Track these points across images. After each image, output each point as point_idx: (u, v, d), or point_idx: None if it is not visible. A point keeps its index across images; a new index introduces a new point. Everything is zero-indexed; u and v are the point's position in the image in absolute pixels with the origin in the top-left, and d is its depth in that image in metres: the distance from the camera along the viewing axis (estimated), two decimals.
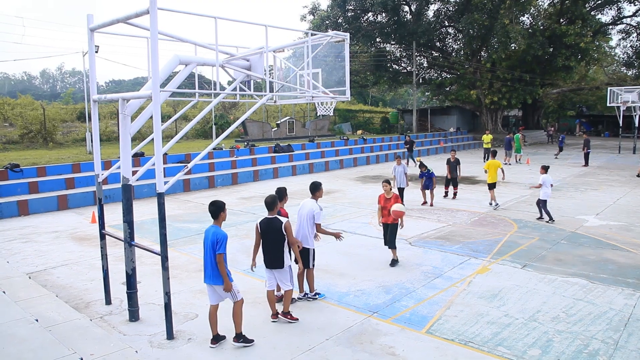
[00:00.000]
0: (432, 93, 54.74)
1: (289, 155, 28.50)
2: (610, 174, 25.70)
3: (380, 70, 48.87)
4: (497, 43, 43.51)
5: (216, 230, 6.85)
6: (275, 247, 7.59)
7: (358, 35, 44.84)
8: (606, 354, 6.74)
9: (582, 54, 43.60)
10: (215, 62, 8.06)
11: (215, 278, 6.84)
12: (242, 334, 7.06)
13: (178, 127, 32.13)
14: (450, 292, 9.04)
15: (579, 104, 63.69)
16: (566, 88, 53.74)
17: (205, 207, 16.79)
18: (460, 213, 16.03)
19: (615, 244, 12.28)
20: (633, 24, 50.19)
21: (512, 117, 60.28)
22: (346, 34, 9.63)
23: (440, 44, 51.29)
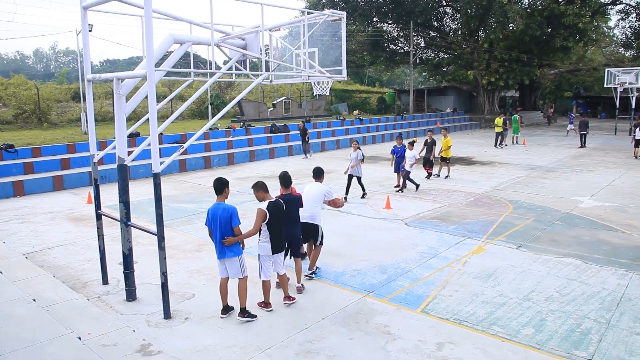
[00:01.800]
0: (429, 73, 54.47)
1: (285, 136, 28.42)
2: (606, 156, 25.76)
3: (377, 50, 48.52)
4: (495, 23, 43.24)
5: (225, 206, 7.02)
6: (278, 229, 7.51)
7: (355, 14, 44.40)
8: (598, 333, 6.82)
9: (581, 35, 43.32)
10: (210, 41, 7.99)
11: (230, 251, 7.07)
12: (247, 309, 7.23)
13: (174, 107, 31.95)
14: (445, 272, 9.10)
15: (576, 85, 63.46)
16: (564, 69, 53.47)
17: (202, 188, 16.84)
18: (456, 194, 16.07)
19: (609, 225, 12.36)
20: (632, 4, 49.74)
21: (509, 98, 60.11)
22: (343, 12, 9.53)
23: (437, 24, 50.90)
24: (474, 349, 6.42)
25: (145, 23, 6.53)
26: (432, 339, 6.67)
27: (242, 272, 7.22)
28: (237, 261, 7.16)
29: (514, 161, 23.60)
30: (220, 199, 7.14)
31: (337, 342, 6.57)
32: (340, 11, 9.73)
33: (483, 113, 48.08)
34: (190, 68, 9.12)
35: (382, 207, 14.03)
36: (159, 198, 6.91)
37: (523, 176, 19.40)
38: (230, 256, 7.11)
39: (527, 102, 54.67)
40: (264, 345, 6.49)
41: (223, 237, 6.99)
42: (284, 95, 41.35)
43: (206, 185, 17.72)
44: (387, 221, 12.74)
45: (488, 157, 25.30)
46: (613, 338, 6.69)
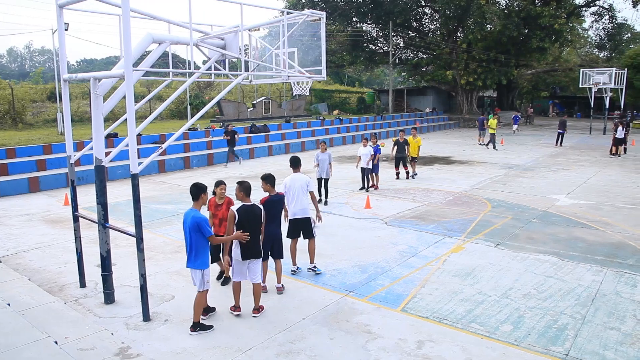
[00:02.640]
0: (408, 73, 54.79)
1: (265, 136, 28.36)
2: (582, 154, 26.21)
3: (356, 50, 48.68)
4: (473, 24, 43.67)
5: (195, 214, 6.71)
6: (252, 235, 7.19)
7: (334, 14, 44.50)
8: (574, 329, 6.94)
9: (556, 36, 44.01)
10: (189, 41, 7.93)
11: (192, 262, 6.78)
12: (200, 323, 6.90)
13: (152, 107, 31.66)
14: (425, 271, 9.17)
15: (552, 85, 64.48)
16: (540, 69, 54.34)
17: (181, 189, 16.71)
18: (435, 193, 16.20)
19: (585, 223, 12.58)
20: (605, 6, 50.82)
21: (487, 98, 60.78)
22: (322, 12, 9.53)
23: (416, 24, 51.26)
24: (454, 346, 6.48)
25: (123, 22, 6.47)
26: (412, 337, 6.72)
27: (202, 285, 6.81)
28: (199, 274, 6.80)
29: (492, 160, 23.87)
30: (196, 205, 6.89)
31: (317, 342, 6.58)
32: (319, 11, 9.74)
33: (462, 113, 48.53)
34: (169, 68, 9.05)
35: (362, 207, 14.09)
36: (138, 199, 6.85)
37: (501, 175, 19.64)
38: (192, 267, 6.81)
39: (505, 102, 55.35)
40: (245, 346, 6.47)
41: (191, 245, 6.73)
42: (263, 96, 41.24)
43: (185, 186, 17.59)
44: (367, 221, 12.79)
45: (467, 156, 25.55)
46: (588, 333, 6.82)
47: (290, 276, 8.87)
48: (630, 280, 8.73)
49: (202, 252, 6.79)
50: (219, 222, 8.06)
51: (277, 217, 8.07)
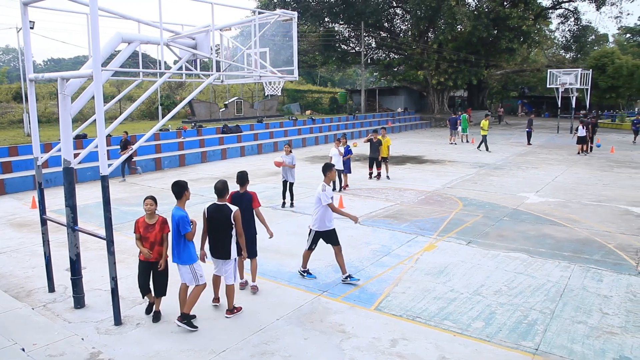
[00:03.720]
0: (380, 73, 55.15)
1: (238, 136, 28.21)
2: (550, 153, 26.75)
3: (328, 50, 48.78)
4: (444, 24, 44.19)
5: (178, 212, 6.89)
6: (221, 235, 7.23)
7: (306, 14, 44.52)
8: (543, 323, 7.09)
9: (524, 37, 44.91)
10: (159, 40, 7.84)
11: (178, 258, 6.95)
12: (188, 316, 6.98)
13: (122, 107, 31.20)
14: (398, 270, 9.24)
15: (521, 85, 65.72)
16: (509, 69, 55.34)
17: (152, 190, 16.47)
18: (407, 192, 16.34)
19: (553, 220, 12.84)
20: (570, 9, 52.11)
21: (458, 98, 61.58)
22: (294, 12, 9.53)
23: (388, 25, 51.62)
24: (427, 344, 6.54)
25: (91, 21, 6.35)
26: (386, 335, 6.76)
27: (195, 279, 6.97)
28: (187, 269, 6.95)
29: (464, 159, 24.19)
30: (180, 203, 7.01)
31: (292, 342, 6.58)
32: (291, 11, 9.73)
33: (433, 112, 49.07)
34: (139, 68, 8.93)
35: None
36: (108, 201, 6.74)
37: (472, 174, 19.91)
38: (180, 263, 6.94)
39: (476, 101, 56.20)
40: (218, 348, 6.42)
41: (175, 243, 6.91)
42: (235, 96, 41.00)
43: (156, 187, 17.39)
44: (340, 220, 12.76)
45: (438, 155, 25.84)
46: (557, 328, 6.97)
47: (265, 277, 8.83)
48: (596, 275, 8.95)
49: (187, 247, 6.92)
50: (150, 247, 7.01)
51: (246, 215, 7.91)
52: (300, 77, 59.24)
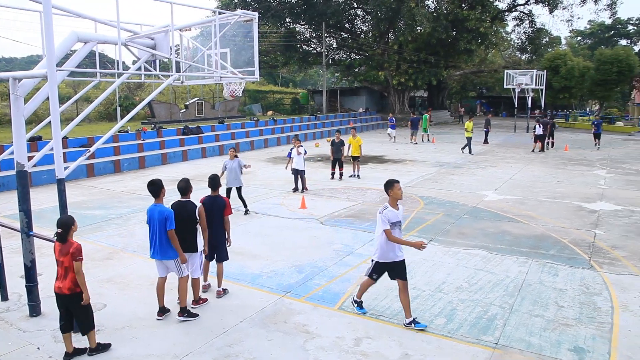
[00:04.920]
0: (341, 74, 55.41)
1: (199, 138, 27.88)
2: (507, 152, 27.42)
3: (290, 51, 48.74)
4: (404, 26, 44.74)
5: (161, 209, 7.05)
6: (187, 230, 7.40)
7: (267, 15, 44.37)
8: (502, 318, 7.27)
9: (482, 38, 45.91)
10: (117, 40, 7.69)
11: (164, 254, 7.10)
12: (187, 309, 7.28)
13: (79, 108, 30.42)
14: (361, 269, 9.29)
15: (479, 85, 67.28)
16: (468, 70, 56.49)
17: (112, 193, 16.15)
18: (369, 192, 16.47)
19: (511, 217, 13.17)
20: (525, 12, 53.57)
21: (419, 98, 62.46)
22: (255, 13, 9.50)
23: (349, 26, 51.93)
24: (390, 341, 6.61)
25: (45, 19, 6.18)
26: (349, 334, 6.81)
27: (179, 271, 7.23)
28: (172, 263, 7.21)
29: (424, 159, 24.54)
30: (158, 201, 7.17)
31: (256, 344, 6.55)
32: (252, 12, 9.70)
33: (394, 113, 49.58)
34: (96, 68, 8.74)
35: (298, 207, 14.12)
36: (64, 205, 6.58)
37: (433, 173, 20.23)
38: (166, 258, 7.16)
39: (436, 102, 57.09)
40: (181, 352, 6.33)
41: (160, 237, 7.03)
42: (196, 97, 40.53)
43: (116, 190, 17.03)
44: (302, 221, 12.84)
45: (399, 155, 26.14)
46: (516, 322, 7.16)
47: (228, 279, 8.75)
48: (552, 270, 9.23)
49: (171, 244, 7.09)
50: (64, 273, 6.10)
51: (215, 219, 7.94)
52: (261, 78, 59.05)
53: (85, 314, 6.20)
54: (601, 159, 24.99)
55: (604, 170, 21.28)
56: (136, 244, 10.79)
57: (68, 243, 6.10)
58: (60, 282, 6.12)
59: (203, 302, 7.76)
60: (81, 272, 6.06)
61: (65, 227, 6.11)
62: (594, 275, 9.03)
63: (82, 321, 6.22)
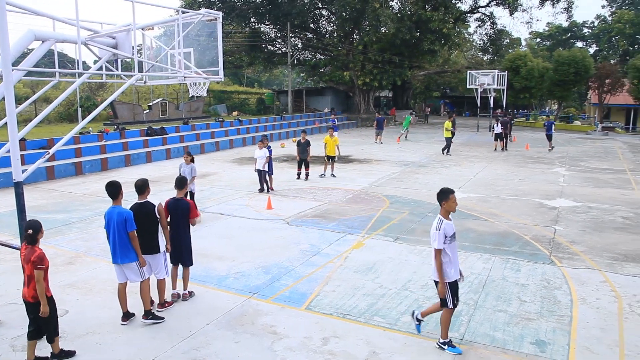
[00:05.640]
0: (306, 74, 55.42)
1: (163, 139, 27.48)
2: (470, 151, 27.91)
3: (255, 51, 48.51)
4: (369, 26, 45.03)
5: (120, 210, 6.87)
6: (148, 231, 7.24)
7: (232, 14, 44.04)
8: (467, 314, 7.40)
9: (445, 39, 46.63)
10: (76, 39, 7.52)
11: (125, 257, 6.90)
12: (152, 311, 7.16)
13: (38, 109, 29.61)
14: (327, 269, 9.33)
15: (443, 85, 68.32)
16: (432, 70, 57.33)
17: (73, 196, 15.79)
18: (335, 191, 16.53)
19: (475, 214, 13.41)
20: (487, 14, 54.71)
21: (384, 98, 63.02)
22: (219, 12, 9.43)
23: (314, 26, 51.98)
24: (358, 340, 6.65)
25: None
26: (317, 334, 6.81)
27: (141, 275, 7.08)
28: (134, 265, 7.03)
29: (389, 158, 24.77)
30: (117, 202, 6.98)
31: (223, 347, 6.49)
32: (216, 11, 9.63)
33: (359, 112, 49.91)
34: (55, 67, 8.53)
35: (264, 208, 14.06)
36: (22, 209, 6.40)
37: (398, 172, 20.43)
38: (127, 261, 6.96)
39: (400, 101, 57.71)
40: (147, 357, 6.23)
41: (120, 241, 6.85)
42: (160, 97, 39.93)
43: (77, 193, 16.64)
44: (269, 221, 12.79)
45: (365, 154, 26.32)
46: (480, 317, 7.30)
47: (194, 281, 8.65)
48: (514, 266, 9.44)
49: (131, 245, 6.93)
50: (28, 280, 5.92)
51: (180, 222, 7.85)
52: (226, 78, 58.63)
53: (50, 322, 6.04)
54: (560, 157, 25.71)
55: (563, 168, 21.90)
56: (99, 247, 10.57)
57: (32, 250, 5.89)
58: (25, 289, 5.98)
59: (169, 305, 7.66)
60: (41, 282, 5.79)
61: (35, 228, 5.99)
62: (554, 270, 9.28)
63: (47, 329, 6.09)
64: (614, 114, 52.81)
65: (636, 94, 42.52)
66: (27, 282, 5.93)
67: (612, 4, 75.05)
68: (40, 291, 5.82)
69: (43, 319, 5.94)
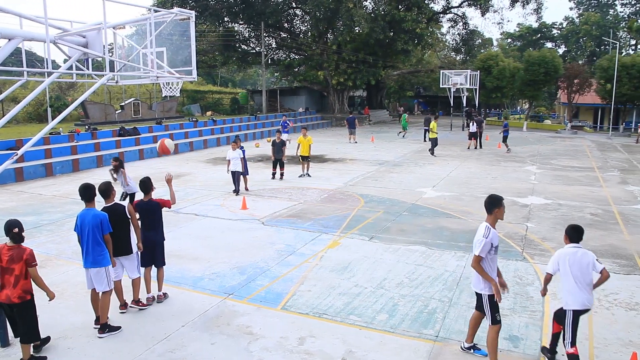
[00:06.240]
0: (281, 74, 55.31)
1: (136, 139, 27.12)
2: (444, 150, 28.18)
3: (228, 51, 48.21)
4: (343, 26, 45.13)
5: (95, 213, 6.75)
6: (121, 233, 7.20)
7: (205, 13, 43.65)
8: (442, 311, 7.48)
9: (418, 39, 47.02)
10: (45, 37, 7.36)
11: (95, 262, 6.75)
12: (107, 324, 6.90)
13: (5, 109, 28.95)
14: (303, 268, 9.33)
15: (416, 85, 68.89)
16: (405, 70, 57.76)
17: (43, 198, 15.49)
18: (310, 191, 16.53)
19: (449, 213, 13.56)
20: (459, 14, 55.41)
21: (358, 98, 63.24)
22: (192, 11, 9.33)
23: (288, 25, 51.87)
24: (334, 339, 6.67)
25: None
26: (293, 334, 6.81)
27: (107, 284, 6.86)
28: (103, 272, 6.82)
29: (364, 157, 24.87)
30: (90, 205, 6.84)
31: (199, 348, 6.44)
32: (189, 10, 9.53)
33: (334, 112, 49.99)
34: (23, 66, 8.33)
35: (239, 208, 13.99)
36: None
37: (372, 171, 20.53)
38: (98, 266, 6.78)
39: (374, 101, 57.99)
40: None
41: (94, 244, 6.69)
42: (132, 97, 39.38)
43: (48, 194, 16.31)
44: (244, 222, 12.73)
45: (339, 154, 26.38)
46: (455, 314, 7.39)
47: (169, 283, 8.55)
48: None
49: (104, 249, 6.79)
50: (15, 281, 5.97)
51: (153, 223, 7.80)
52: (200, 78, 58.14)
53: (32, 322, 6.11)
54: (531, 155, 26.16)
55: (534, 166, 22.29)
56: (71, 250, 10.38)
57: (20, 249, 5.98)
58: (8, 290, 5.93)
59: (143, 305, 7.60)
60: (39, 276, 6.13)
61: (20, 226, 6.05)
62: (527, 266, 9.45)
63: (27, 330, 6.07)
64: (582, 113, 53.96)
65: (603, 93, 43.49)
66: (14, 282, 5.94)
67: (579, 6, 76.73)
68: (41, 284, 6.15)
69: (25, 320, 6.01)
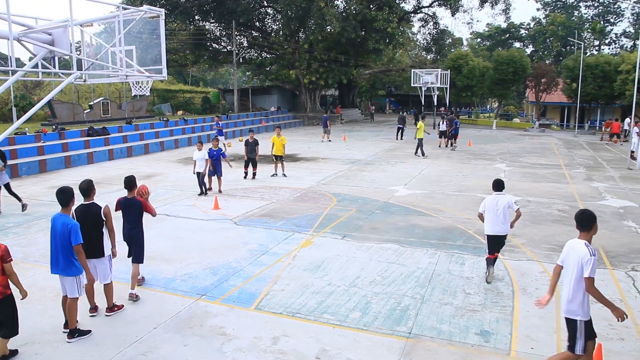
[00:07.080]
0: (252, 73, 55.09)
1: (105, 139, 26.66)
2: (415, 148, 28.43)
3: (199, 49, 47.77)
4: (314, 25, 45.21)
5: (66, 220, 6.53)
6: (93, 234, 7.02)
7: (175, 11, 43.17)
8: (415, 308, 7.55)
9: (390, 38, 47.41)
10: (8, 34, 7.19)
11: (65, 270, 6.55)
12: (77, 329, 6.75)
13: None
14: (276, 268, 9.31)
15: (388, 84, 69.34)
16: (377, 69, 58.10)
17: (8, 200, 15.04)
18: (283, 190, 16.50)
19: (420, 210, 13.70)
20: (430, 14, 56.05)
21: (330, 97, 63.36)
22: (161, 9, 9.24)
23: (259, 24, 51.67)
24: (307, 338, 6.67)
25: None
26: (267, 334, 6.79)
27: (78, 291, 6.65)
28: (74, 280, 6.61)
29: (336, 156, 24.94)
30: (65, 210, 6.65)
31: (171, 351, 6.37)
32: (158, 8, 9.44)
33: (306, 111, 50.01)
34: None
35: (211, 208, 13.88)
36: None
37: (345, 170, 20.61)
38: (69, 275, 6.57)
39: (346, 100, 58.19)
40: None
41: (63, 251, 6.48)
42: (101, 96, 38.69)
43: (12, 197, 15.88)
44: (216, 222, 12.65)
45: (312, 153, 26.40)
46: (427, 311, 7.47)
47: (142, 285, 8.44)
48: (459, 259, 9.72)
49: (73, 258, 6.55)
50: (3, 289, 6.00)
51: (133, 220, 7.78)
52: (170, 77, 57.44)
53: (13, 317, 6.08)
54: (501, 153, 26.62)
55: (503, 164, 22.69)
56: (38, 253, 10.15)
57: None
58: None
59: (118, 309, 7.45)
60: (14, 272, 6.07)
61: None
62: (497, 262, 9.59)
63: (9, 325, 6.04)
64: (550, 111, 55.18)
65: (569, 92, 44.50)
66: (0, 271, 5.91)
67: (546, 7, 78.27)
68: (15, 281, 6.05)
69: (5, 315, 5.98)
